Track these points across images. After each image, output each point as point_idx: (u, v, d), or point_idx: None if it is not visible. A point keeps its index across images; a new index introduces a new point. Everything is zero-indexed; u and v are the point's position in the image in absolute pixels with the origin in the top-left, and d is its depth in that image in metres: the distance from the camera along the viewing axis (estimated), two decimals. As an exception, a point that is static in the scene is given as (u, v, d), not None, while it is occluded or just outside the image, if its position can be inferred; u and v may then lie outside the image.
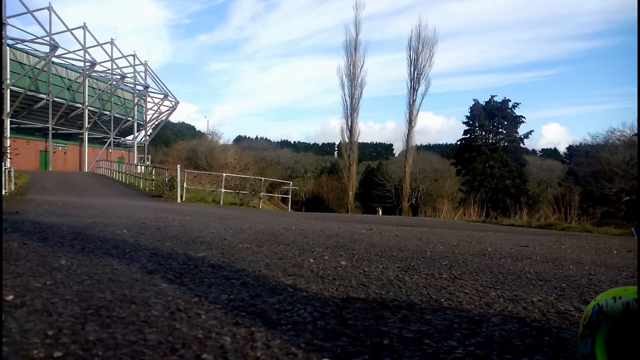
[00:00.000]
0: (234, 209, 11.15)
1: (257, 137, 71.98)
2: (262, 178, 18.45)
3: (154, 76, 41.72)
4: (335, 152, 66.08)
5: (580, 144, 38.23)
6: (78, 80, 34.50)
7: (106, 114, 38.98)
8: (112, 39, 37.34)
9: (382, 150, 76.06)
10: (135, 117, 42.22)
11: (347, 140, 37.97)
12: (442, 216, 19.17)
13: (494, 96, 44.09)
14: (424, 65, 35.68)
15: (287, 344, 0.92)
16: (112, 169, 26.11)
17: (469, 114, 44.49)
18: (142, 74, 41.15)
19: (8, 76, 27.95)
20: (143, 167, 25.95)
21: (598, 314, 0.73)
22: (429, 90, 47.01)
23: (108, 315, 1.03)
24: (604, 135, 30.08)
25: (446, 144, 68.94)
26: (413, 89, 35.76)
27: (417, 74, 35.76)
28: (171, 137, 60.41)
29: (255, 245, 2.44)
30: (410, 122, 35.93)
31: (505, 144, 42.97)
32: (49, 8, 30.79)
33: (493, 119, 43.12)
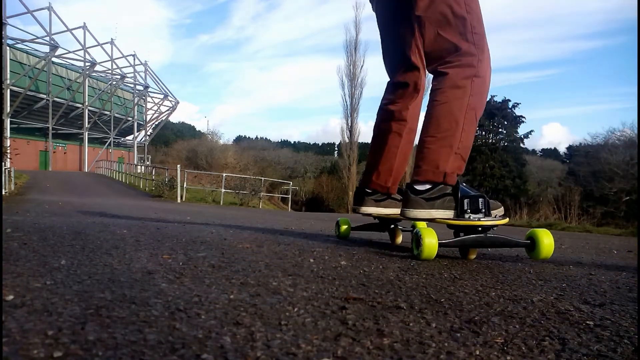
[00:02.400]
0: (234, 209, 11.15)
1: (257, 137, 71.99)
2: (262, 178, 18.45)
3: (154, 76, 41.73)
4: (336, 152, 66.05)
5: (580, 144, 38.34)
6: (78, 80, 34.51)
7: (106, 114, 38.99)
8: (112, 38, 37.44)
9: (382, 150, 75.97)
10: (135, 117, 42.22)
11: (347, 140, 38.00)
12: (442, 216, 19.13)
13: (493, 96, 44.09)
14: (424, 65, 35.71)
15: (287, 344, 0.92)
16: (112, 169, 26.12)
17: (468, 114, 44.45)
18: (142, 74, 41.17)
19: (8, 76, 27.95)
20: (143, 167, 25.94)
21: (336, 223, 2.69)
22: (429, 90, 47.02)
23: (108, 315, 1.03)
24: (604, 135, 30.10)
25: (446, 144, 68.83)
26: (413, 89, 35.79)
27: (417, 74, 35.80)
28: (171, 137, 60.45)
29: (255, 245, 2.44)
30: (411, 122, 35.97)
31: (505, 144, 42.97)
32: (49, 8, 30.80)
33: (493, 119, 43.09)
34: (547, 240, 1.96)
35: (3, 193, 11.57)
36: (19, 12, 30.03)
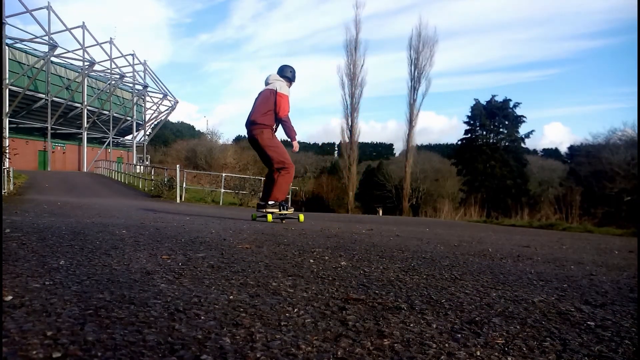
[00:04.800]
0: (234, 209, 11.15)
1: (256, 137, 71.76)
2: (262, 178, 18.41)
3: (153, 76, 41.68)
4: (336, 152, 65.99)
5: (582, 143, 38.18)
6: (77, 80, 34.42)
7: (105, 114, 38.91)
8: (111, 38, 37.31)
9: (383, 150, 75.91)
10: (134, 117, 42.15)
11: (347, 140, 37.93)
12: (442, 216, 19.14)
13: (494, 96, 44.13)
14: (424, 65, 35.64)
15: (287, 345, 0.92)
16: (111, 169, 26.08)
17: (469, 114, 44.49)
18: (142, 74, 41.10)
19: (7, 76, 27.89)
20: (142, 167, 25.92)
21: (252, 215, 5.58)
22: (430, 89, 46.97)
23: (107, 316, 1.02)
24: (605, 135, 30.02)
25: (447, 143, 68.75)
26: (414, 89, 35.73)
27: (417, 73, 35.73)
28: (170, 136, 60.34)
29: (254, 246, 2.43)
30: (411, 122, 35.93)
31: (507, 143, 42.96)
32: (48, 7, 30.75)
33: (494, 118, 43.11)
34: (302, 217, 5.46)
35: (2, 193, 11.56)
36: (18, 11, 30.02)
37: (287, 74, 5.02)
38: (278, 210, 4.96)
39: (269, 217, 4.92)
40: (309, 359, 0.86)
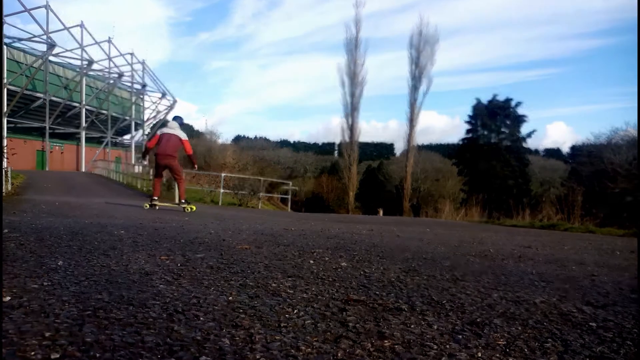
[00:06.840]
0: (233, 210, 11.14)
1: (256, 137, 71.66)
2: (262, 178, 18.40)
3: (152, 75, 41.61)
4: (336, 152, 65.88)
5: (583, 143, 38.02)
6: (75, 79, 34.34)
7: (103, 113, 38.82)
8: (109, 37, 37.16)
9: (383, 150, 75.72)
10: (133, 116, 42.08)
11: (347, 140, 37.86)
12: (443, 217, 19.13)
13: (496, 95, 44.02)
14: (425, 64, 35.50)
15: (286, 346, 0.91)
16: (110, 169, 26.04)
17: (471, 113, 44.47)
18: (140, 73, 41.02)
19: (5, 75, 27.82)
20: (141, 167, 25.89)
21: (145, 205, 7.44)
22: (431, 89, 46.81)
23: (105, 317, 1.01)
24: (607, 134, 29.91)
25: (448, 143, 68.55)
26: (414, 88, 35.58)
27: (418, 72, 35.56)
28: (170, 136, 60.04)
29: (254, 246, 2.42)
30: (412, 122, 35.80)
31: (508, 143, 42.88)
32: (47, 6, 30.66)
33: (495, 118, 43.05)
34: (194, 207, 7.84)
35: (2, 193, 11.49)
36: (17, 10, 29.94)
37: (179, 121, 8.00)
38: (186, 205, 7.58)
39: (192, 208, 7.85)
40: (309, 360, 0.85)
